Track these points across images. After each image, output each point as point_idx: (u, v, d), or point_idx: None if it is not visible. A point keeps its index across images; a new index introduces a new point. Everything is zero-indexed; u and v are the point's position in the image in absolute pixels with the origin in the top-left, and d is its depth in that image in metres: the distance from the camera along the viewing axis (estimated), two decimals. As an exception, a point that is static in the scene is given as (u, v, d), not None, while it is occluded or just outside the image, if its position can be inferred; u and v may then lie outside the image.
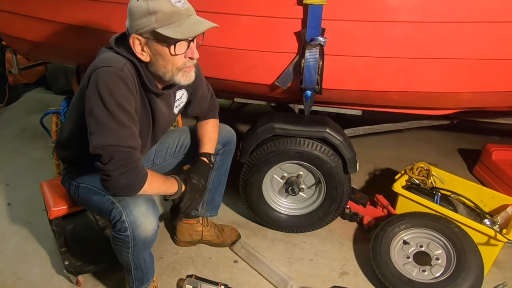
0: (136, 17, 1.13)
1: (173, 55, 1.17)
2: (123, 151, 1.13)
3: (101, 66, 1.13)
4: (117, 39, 1.25)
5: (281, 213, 1.92)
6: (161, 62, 1.19)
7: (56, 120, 2.09)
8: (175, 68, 1.21)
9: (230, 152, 1.68)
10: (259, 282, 1.67)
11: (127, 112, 1.15)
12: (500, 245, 1.64)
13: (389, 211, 1.94)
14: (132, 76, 1.19)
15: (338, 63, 1.60)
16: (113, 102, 1.12)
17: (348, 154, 1.71)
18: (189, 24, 1.14)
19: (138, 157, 1.18)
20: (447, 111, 1.92)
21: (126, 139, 1.14)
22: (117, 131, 1.13)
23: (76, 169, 1.42)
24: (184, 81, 1.24)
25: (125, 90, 1.14)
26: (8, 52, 2.38)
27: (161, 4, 1.11)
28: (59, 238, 1.58)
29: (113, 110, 1.12)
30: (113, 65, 1.14)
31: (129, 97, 1.16)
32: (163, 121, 1.39)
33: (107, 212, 1.25)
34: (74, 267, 1.56)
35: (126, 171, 1.14)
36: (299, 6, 1.48)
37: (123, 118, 1.13)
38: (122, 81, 1.14)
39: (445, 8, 1.44)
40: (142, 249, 1.28)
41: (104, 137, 1.12)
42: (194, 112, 1.58)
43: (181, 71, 1.22)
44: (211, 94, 1.60)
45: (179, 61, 1.19)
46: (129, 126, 1.15)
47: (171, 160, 1.64)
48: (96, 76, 1.13)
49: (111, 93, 1.12)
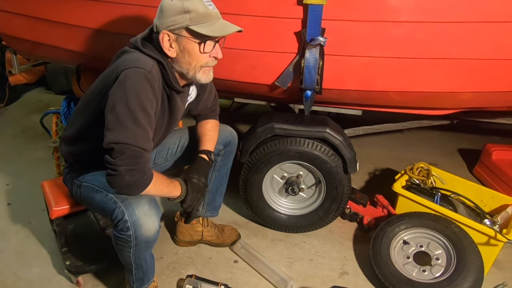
0: (170, 14, 1.19)
1: (202, 52, 1.23)
2: (134, 150, 1.15)
3: (131, 67, 1.17)
4: (142, 39, 1.27)
5: (281, 213, 1.92)
6: (187, 58, 1.24)
7: (56, 120, 2.09)
8: (199, 65, 1.26)
9: (231, 153, 1.68)
10: (259, 282, 1.67)
11: (147, 114, 1.18)
12: (500, 245, 1.64)
13: (389, 211, 1.94)
14: (158, 78, 1.23)
15: (338, 63, 1.60)
16: (137, 103, 1.14)
17: (348, 154, 1.71)
18: (220, 25, 1.23)
19: (148, 159, 1.20)
20: (447, 111, 1.92)
21: (140, 140, 1.16)
22: (133, 131, 1.15)
23: (79, 167, 1.42)
24: (205, 79, 1.30)
25: (150, 93, 1.18)
26: (8, 52, 2.37)
27: (195, 5, 1.18)
28: (60, 238, 1.58)
29: (135, 110, 1.14)
30: (143, 67, 1.18)
31: (153, 99, 1.20)
32: (178, 117, 1.44)
33: (110, 211, 1.25)
34: (75, 267, 1.56)
35: (133, 169, 1.15)
36: (299, 6, 1.48)
37: (142, 119, 1.16)
38: (149, 83, 1.18)
39: (445, 8, 1.44)
40: (143, 249, 1.29)
41: (120, 134, 1.14)
42: (197, 110, 1.58)
43: (202, 69, 1.27)
44: (214, 95, 1.62)
45: (203, 59, 1.25)
46: (146, 128, 1.18)
47: (172, 160, 1.64)
48: (125, 75, 1.16)
49: (137, 94, 1.15)
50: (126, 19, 1.68)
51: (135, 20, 1.64)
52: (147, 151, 1.19)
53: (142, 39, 1.27)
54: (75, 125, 1.38)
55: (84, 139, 1.36)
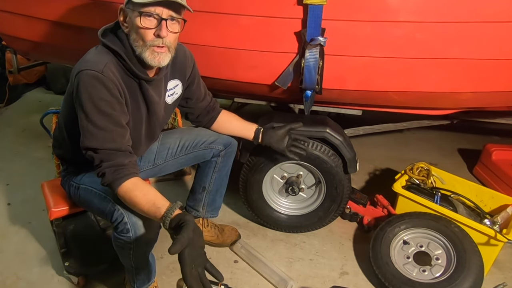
0: None
1: (139, 27, 1.16)
2: (103, 153, 1.15)
3: (82, 69, 1.16)
4: (105, 30, 1.26)
5: (281, 213, 1.92)
6: (134, 35, 1.20)
7: (56, 120, 2.09)
8: (144, 44, 1.19)
9: (232, 154, 1.68)
10: (259, 282, 1.67)
11: (106, 114, 1.16)
12: (500, 245, 1.64)
13: (389, 211, 1.94)
14: (115, 75, 1.19)
15: (338, 63, 1.60)
16: (91, 105, 1.14)
17: (348, 154, 1.71)
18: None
19: (123, 159, 1.17)
20: (447, 111, 1.92)
21: (104, 143, 1.16)
22: (95, 134, 1.15)
23: (75, 169, 1.42)
24: (152, 60, 1.21)
25: (104, 93, 1.16)
26: (8, 52, 2.38)
27: None
28: (59, 239, 1.58)
29: (91, 114, 1.15)
30: (93, 68, 1.15)
31: (110, 99, 1.17)
32: (157, 110, 1.38)
33: (109, 214, 1.25)
34: (75, 268, 1.56)
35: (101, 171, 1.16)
36: (299, 6, 1.48)
37: (101, 121, 1.15)
38: (102, 83, 1.15)
39: (445, 8, 1.44)
40: (144, 250, 1.29)
41: (86, 139, 1.16)
42: (195, 113, 1.58)
43: (149, 48, 1.19)
44: (211, 98, 1.61)
45: (147, 35, 1.18)
46: (109, 129, 1.16)
47: (172, 161, 1.63)
48: (77, 80, 1.16)
49: (90, 97, 1.14)
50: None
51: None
52: (118, 151, 1.17)
53: (106, 29, 1.26)
54: (59, 127, 1.40)
55: (67, 140, 1.37)
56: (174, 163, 1.64)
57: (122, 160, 1.16)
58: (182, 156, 1.63)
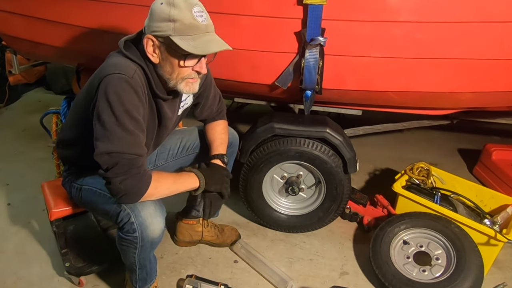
0: (156, 19, 1.13)
1: (181, 66, 1.18)
2: (127, 158, 1.13)
3: (112, 73, 1.13)
4: (126, 41, 1.23)
5: (281, 213, 1.92)
6: (168, 68, 1.19)
7: (56, 120, 2.09)
8: (180, 77, 1.21)
9: (233, 154, 1.68)
10: (259, 282, 1.67)
11: (135, 119, 1.15)
12: (500, 245, 1.64)
13: (389, 211, 1.94)
14: (142, 83, 1.19)
15: (338, 63, 1.60)
16: (121, 109, 1.11)
17: (348, 154, 1.71)
18: (204, 41, 1.14)
19: (142, 164, 1.17)
20: (447, 111, 1.92)
21: (131, 147, 1.14)
22: (123, 138, 1.12)
23: (77, 171, 1.41)
24: (187, 91, 1.24)
25: (134, 98, 1.14)
26: (8, 52, 2.38)
27: (183, 15, 1.11)
28: (59, 240, 1.58)
29: (121, 117, 1.11)
30: (123, 72, 1.14)
31: (138, 104, 1.16)
32: (169, 124, 1.40)
33: (114, 214, 1.24)
34: (75, 269, 1.56)
35: (125, 179, 1.13)
36: (299, 6, 1.48)
37: (130, 125, 1.13)
38: (132, 88, 1.14)
39: (445, 8, 1.44)
40: (148, 249, 1.29)
41: (110, 143, 1.11)
42: (203, 115, 1.57)
43: (184, 80, 1.21)
44: (219, 97, 1.60)
45: (185, 72, 1.20)
46: (135, 133, 1.15)
47: (173, 162, 1.63)
48: (106, 82, 1.12)
49: (120, 100, 1.11)
50: (126, 19, 1.68)
51: (135, 20, 1.64)
52: (140, 156, 1.16)
53: (127, 41, 1.23)
54: (68, 131, 1.38)
55: (77, 142, 1.35)
56: (175, 164, 1.64)
57: (140, 167, 1.15)
58: (183, 157, 1.63)
